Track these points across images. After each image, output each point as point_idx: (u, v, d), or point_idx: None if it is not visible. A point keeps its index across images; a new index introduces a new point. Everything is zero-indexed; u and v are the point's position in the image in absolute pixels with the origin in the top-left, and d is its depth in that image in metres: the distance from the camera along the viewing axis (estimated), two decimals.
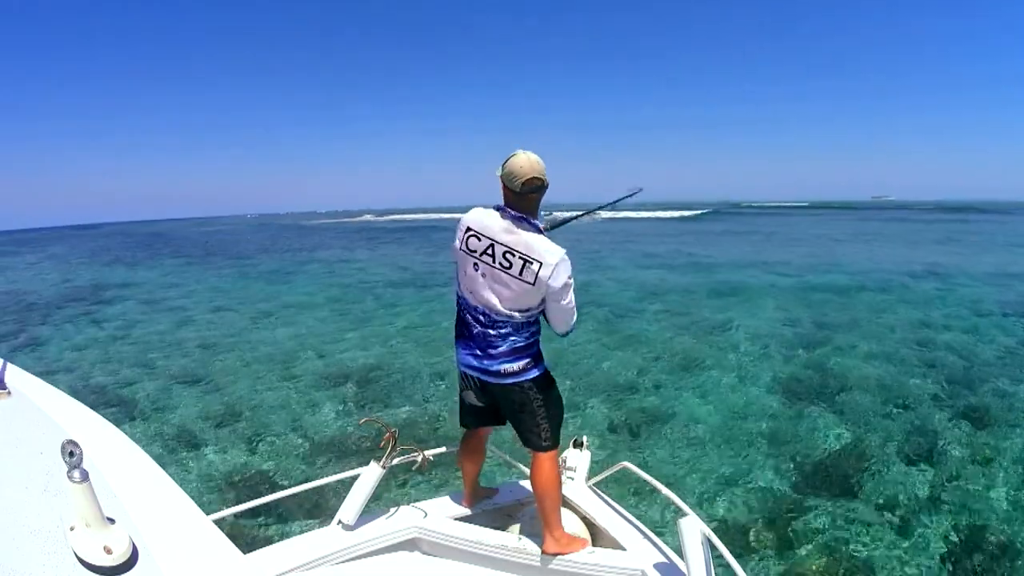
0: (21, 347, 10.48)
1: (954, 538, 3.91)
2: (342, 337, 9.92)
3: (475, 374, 2.29)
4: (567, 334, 2.31)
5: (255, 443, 5.73)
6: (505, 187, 2.17)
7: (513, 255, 2.12)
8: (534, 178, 2.13)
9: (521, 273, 2.11)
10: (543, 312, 2.24)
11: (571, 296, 2.20)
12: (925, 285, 13.44)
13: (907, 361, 7.62)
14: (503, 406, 2.34)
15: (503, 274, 2.13)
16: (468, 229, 2.20)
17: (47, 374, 8.21)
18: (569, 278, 2.16)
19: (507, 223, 2.15)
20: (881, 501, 4.34)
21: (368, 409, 6.41)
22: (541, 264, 2.09)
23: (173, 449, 5.68)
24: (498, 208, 2.21)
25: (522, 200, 2.16)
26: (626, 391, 6.71)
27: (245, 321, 11.71)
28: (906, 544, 3.86)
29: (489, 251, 2.15)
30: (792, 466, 4.91)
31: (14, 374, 1.60)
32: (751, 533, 4.04)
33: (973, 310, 10.62)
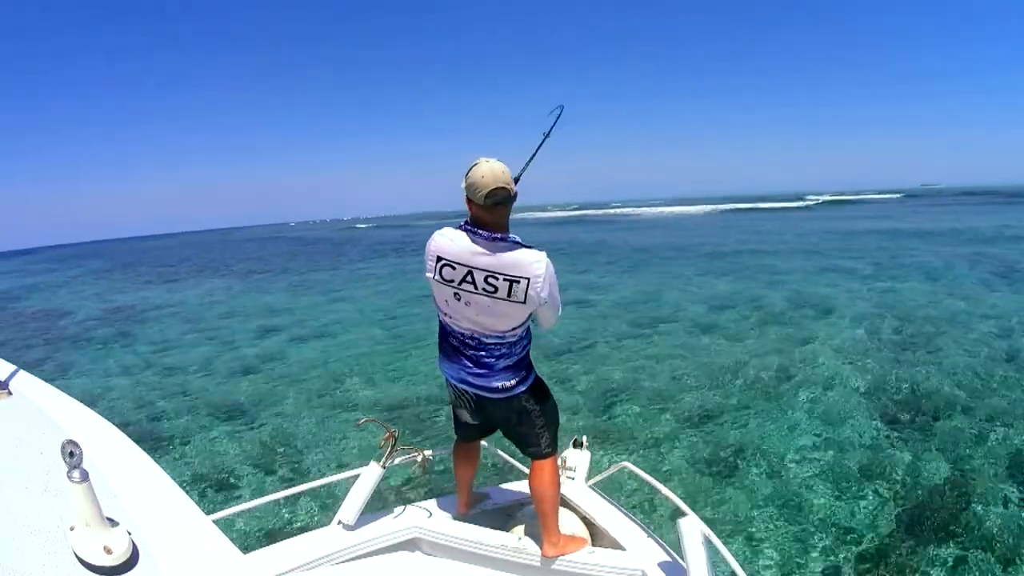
0: (49, 376, 9.84)
1: None
2: (393, 361, 8.98)
3: (470, 389, 2.22)
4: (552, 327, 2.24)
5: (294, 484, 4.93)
6: (470, 201, 2.00)
7: (497, 278, 1.98)
8: (498, 188, 1.95)
9: (510, 294, 1.99)
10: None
11: (557, 295, 2.11)
12: (1004, 284, 12.52)
13: (1003, 376, 6.81)
14: (499, 420, 2.32)
15: (488, 299, 2.01)
16: (439, 258, 2.04)
17: None
18: (555, 276, 2.05)
19: (480, 245, 1.99)
20: (986, 539, 3.95)
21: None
22: (530, 280, 1.98)
23: (204, 493, 5.14)
24: (465, 228, 2.03)
25: (490, 214, 1.99)
26: (706, 418, 6.07)
27: (288, 342, 10.88)
28: None
29: (468, 278, 2.00)
30: (890, 502, 4.43)
31: (15, 375, 1.60)
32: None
33: None
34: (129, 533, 0.98)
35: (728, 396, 6.63)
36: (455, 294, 2.05)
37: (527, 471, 2.87)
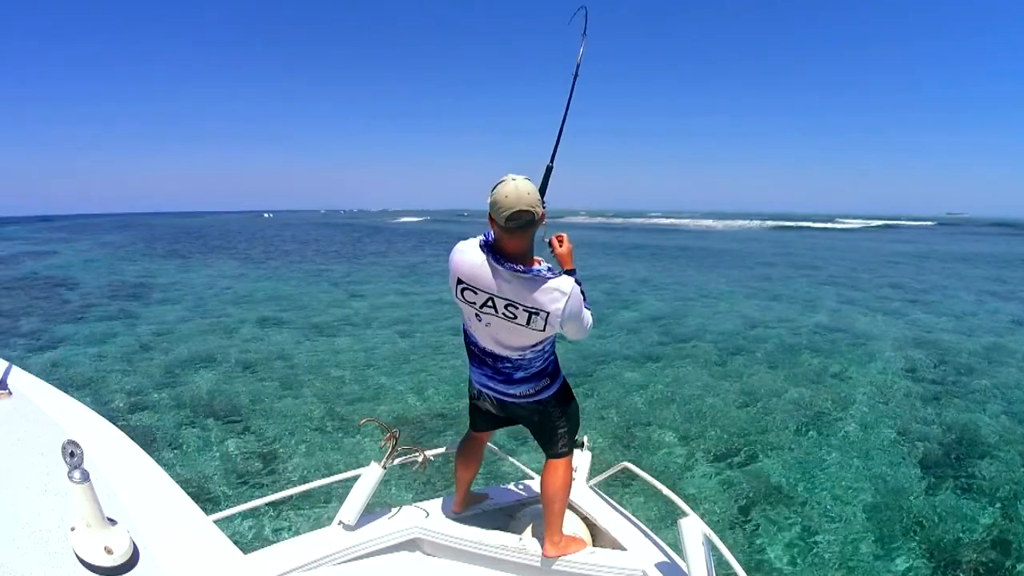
0: (39, 349, 9.64)
1: None
2: (401, 367, 8.54)
3: (491, 393, 2.25)
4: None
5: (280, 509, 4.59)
6: (492, 220, 1.92)
7: (516, 307, 1.96)
8: (521, 211, 1.85)
9: (529, 323, 1.98)
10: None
11: (584, 316, 2.07)
12: None
13: None
14: (521, 417, 2.33)
15: (510, 323, 2.00)
16: (460, 280, 2.00)
17: (58, 387, 7.89)
18: (580, 305, 2.01)
19: (502, 277, 1.94)
20: None
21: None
22: (550, 313, 1.96)
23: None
24: (488, 249, 1.97)
25: (511, 237, 1.91)
26: (730, 454, 5.65)
27: (297, 337, 10.39)
28: None
29: (489, 303, 1.99)
30: (927, 551, 4.11)
31: (15, 375, 1.60)
32: None
33: None
34: (129, 533, 0.98)
35: (754, 431, 6.21)
36: (476, 315, 2.05)
37: (527, 471, 2.87)
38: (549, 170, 2.20)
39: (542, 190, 2.13)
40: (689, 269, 21.49)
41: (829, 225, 73.89)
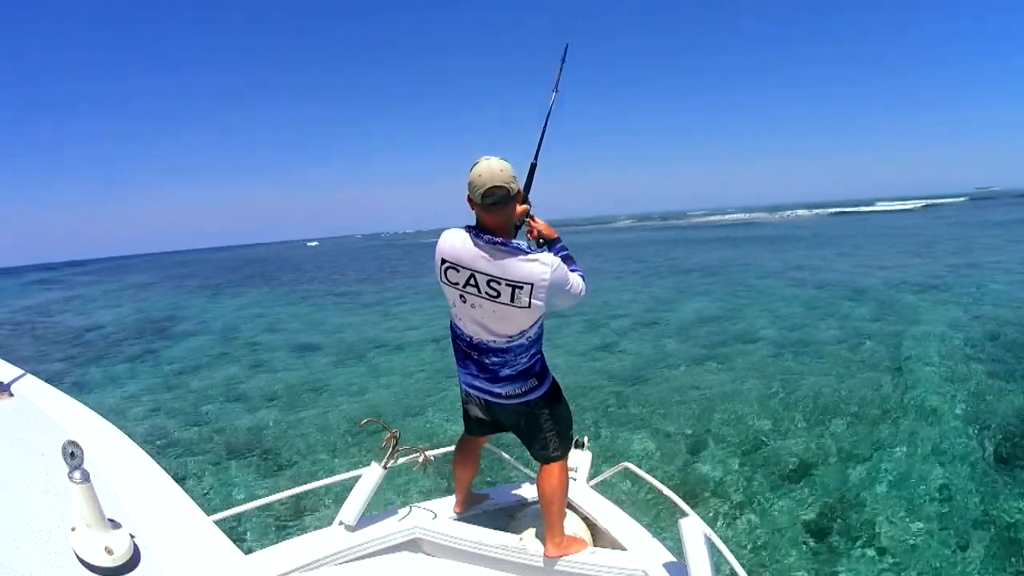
0: (73, 387, 9.52)
1: None
2: (439, 390, 7.95)
3: (479, 395, 2.23)
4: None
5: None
6: (470, 200, 1.97)
7: (499, 283, 1.96)
8: (495, 187, 1.90)
9: (512, 300, 1.96)
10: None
11: (572, 284, 2.06)
12: None
13: None
14: (508, 422, 2.30)
15: (493, 303, 1.99)
16: (444, 260, 2.02)
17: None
18: (565, 276, 2.02)
19: (481, 250, 1.96)
20: None
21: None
22: (532, 286, 1.94)
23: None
24: (470, 229, 2.01)
25: (489, 214, 1.96)
26: (787, 465, 5.12)
27: (330, 367, 10.03)
28: None
29: (472, 281, 1.99)
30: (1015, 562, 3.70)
31: (22, 378, 1.61)
32: None
33: None
34: (131, 535, 0.98)
35: (813, 435, 5.68)
36: (460, 296, 2.05)
37: (528, 472, 2.87)
38: (533, 167, 2.25)
39: (527, 186, 2.20)
40: (797, 250, 23.02)
41: (873, 208, 74.88)
